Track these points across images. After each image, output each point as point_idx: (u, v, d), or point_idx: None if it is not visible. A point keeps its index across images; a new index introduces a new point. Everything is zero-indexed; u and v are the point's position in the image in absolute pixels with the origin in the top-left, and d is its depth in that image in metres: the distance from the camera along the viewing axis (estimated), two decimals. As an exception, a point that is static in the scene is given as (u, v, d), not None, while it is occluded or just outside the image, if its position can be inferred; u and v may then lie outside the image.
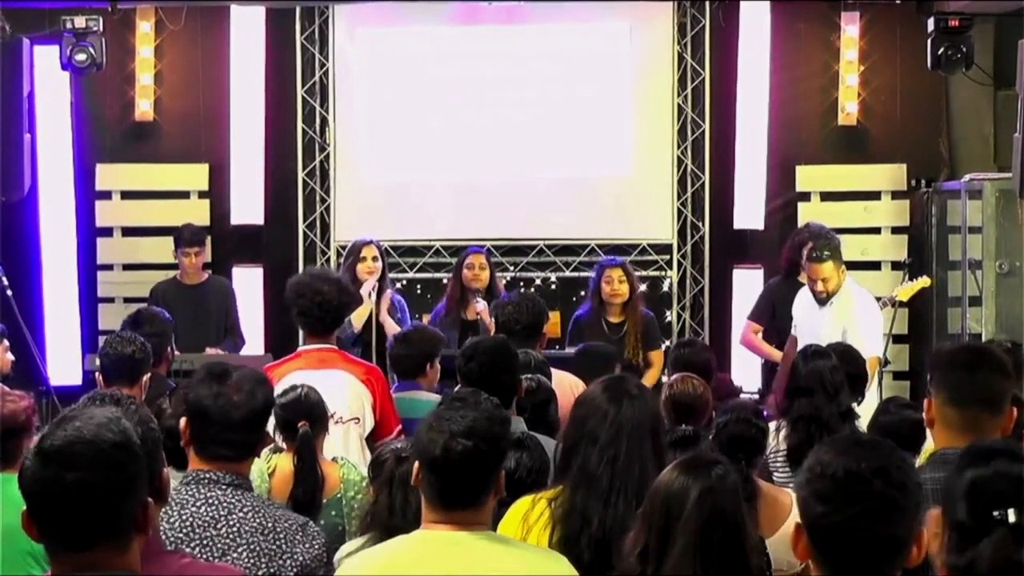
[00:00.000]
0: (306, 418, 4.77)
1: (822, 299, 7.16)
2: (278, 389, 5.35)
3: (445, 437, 2.93)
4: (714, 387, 5.94)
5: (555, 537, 3.41)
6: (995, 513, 2.14)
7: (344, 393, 5.32)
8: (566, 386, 5.48)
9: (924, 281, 8.25)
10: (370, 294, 7.27)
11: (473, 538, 2.96)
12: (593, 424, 3.50)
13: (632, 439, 3.46)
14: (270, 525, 3.33)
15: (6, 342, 6.63)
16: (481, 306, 7.46)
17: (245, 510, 3.33)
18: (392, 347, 6.01)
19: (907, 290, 8.16)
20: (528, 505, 3.52)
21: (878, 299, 7.58)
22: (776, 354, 7.69)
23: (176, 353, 6.26)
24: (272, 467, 4.79)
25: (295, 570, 3.32)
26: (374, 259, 7.49)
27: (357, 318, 7.22)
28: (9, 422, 4.20)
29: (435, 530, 2.98)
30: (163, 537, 3.11)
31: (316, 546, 3.39)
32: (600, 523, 3.35)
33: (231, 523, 3.30)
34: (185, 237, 8.38)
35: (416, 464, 3.02)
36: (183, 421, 3.39)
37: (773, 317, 8.04)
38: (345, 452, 5.08)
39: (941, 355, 3.53)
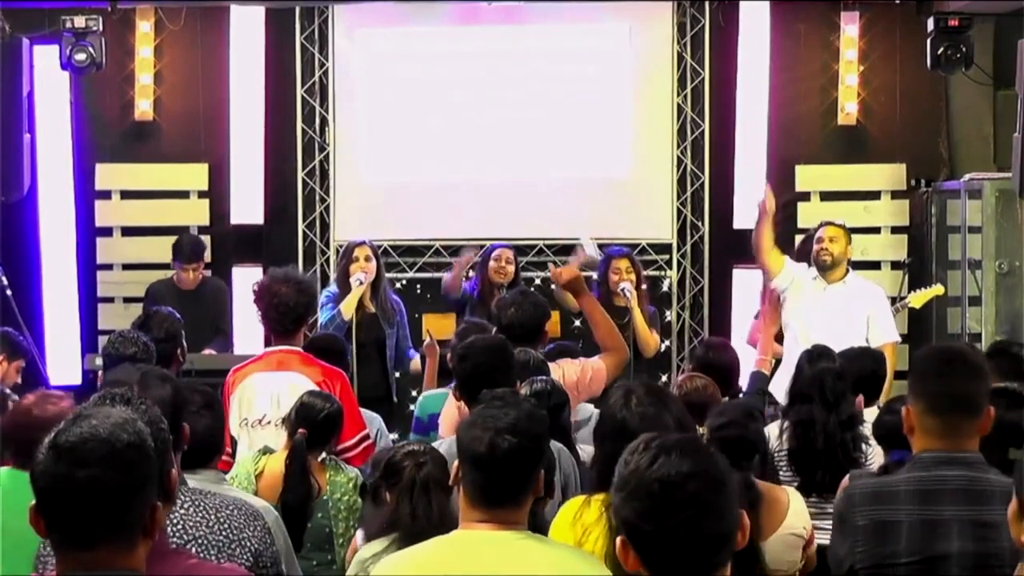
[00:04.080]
0: (309, 427, 4.71)
1: (825, 264, 7.16)
2: (239, 391, 5.32)
3: (491, 434, 2.95)
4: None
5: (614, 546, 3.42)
6: None
7: (295, 395, 5.07)
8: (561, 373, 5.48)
9: (938, 289, 8.25)
10: (360, 282, 7.26)
11: (512, 537, 2.96)
12: (617, 440, 3.49)
13: None
14: (212, 516, 3.27)
15: (21, 362, 6.50)
16: None
17: (185, 505, 3.26)
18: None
19: (921, 297, 8.16)
20: (580, 505, 3.51)
21: (891, 299, 7.60)
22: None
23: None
24: (260, 469, 4.70)
25: (248, 558, 3.28)
26: (366, 259, 7.46)
27: (346, 308, 7.22)
28: (54, 423, 4.13)
29: (475, 529, 2.97)
30: None
31: (260, 527, 3.34)
32: None
33: (173, 521, 3.20)
34: (185, 253, 8.28)
35: (456, 463, 3.03)
36: None
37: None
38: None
39: (916, 364, 3.56)
